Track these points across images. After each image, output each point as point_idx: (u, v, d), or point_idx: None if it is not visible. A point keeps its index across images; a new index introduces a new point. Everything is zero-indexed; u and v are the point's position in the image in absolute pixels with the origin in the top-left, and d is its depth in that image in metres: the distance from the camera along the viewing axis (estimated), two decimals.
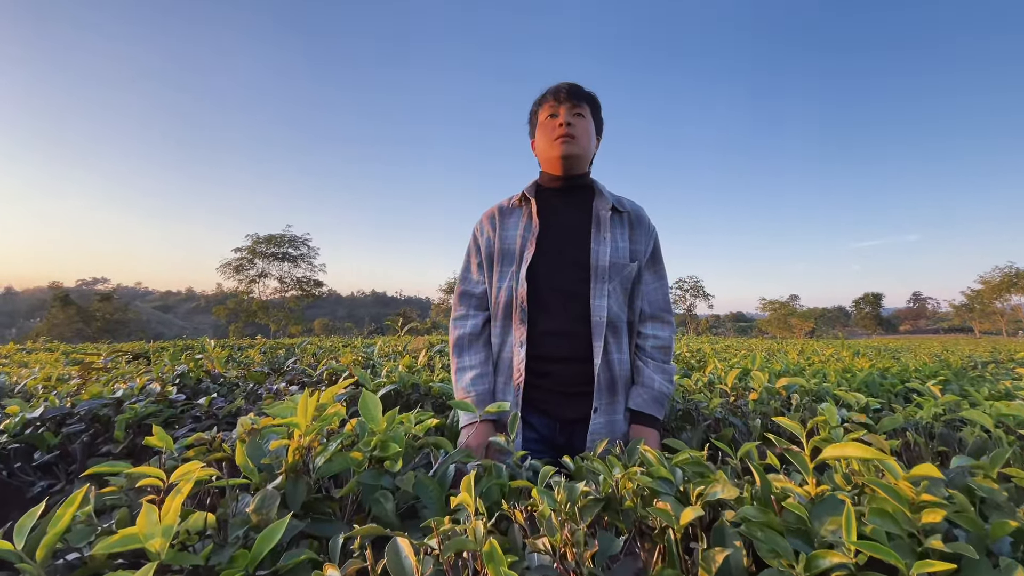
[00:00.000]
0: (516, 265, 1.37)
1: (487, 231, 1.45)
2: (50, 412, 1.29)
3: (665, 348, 1.45)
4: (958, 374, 2.86)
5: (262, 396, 1.91)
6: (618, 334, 1.37)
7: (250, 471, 0.86)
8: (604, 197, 1.42)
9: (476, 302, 1.44)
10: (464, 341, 1.40)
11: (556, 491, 0.61)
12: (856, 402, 1.51)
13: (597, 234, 1.37)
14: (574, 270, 1.35)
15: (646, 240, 1.44)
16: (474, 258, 1.47)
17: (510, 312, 1.37)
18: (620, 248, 1.38)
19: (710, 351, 3.91)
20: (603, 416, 1.31)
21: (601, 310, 1.32)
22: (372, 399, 0.95)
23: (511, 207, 1.47)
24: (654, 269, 1.47)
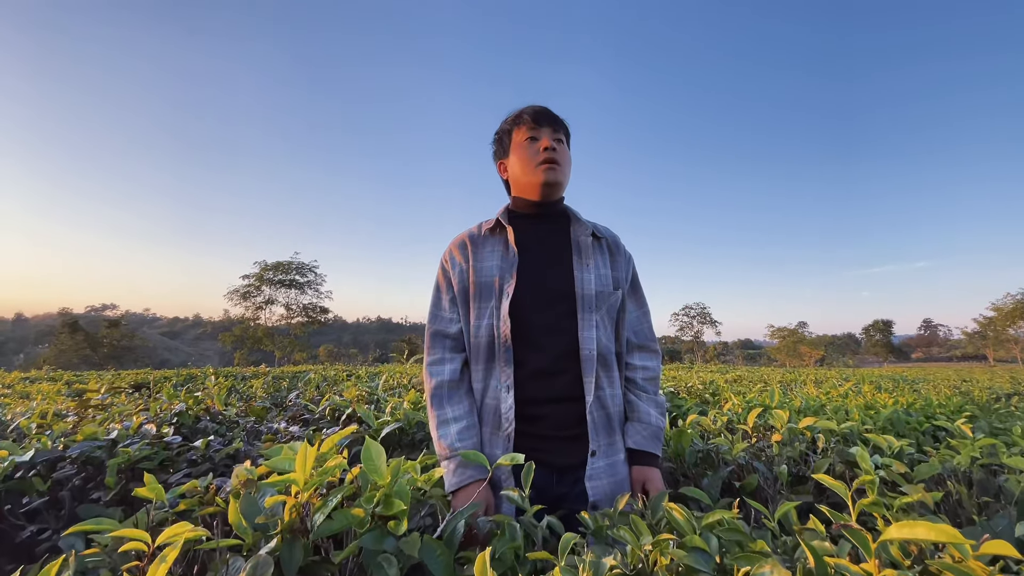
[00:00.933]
0: (496, 300, 1.23)
1: (459, 262, 1.29)
2: (40, 456, 1.23)
3: (655, 379, 1.36)
4: (984, 409, 2.75)
5: (262, 435, 1.85)
6: (608, 368, 1.26)
7: (243, 530, 0.79)
8: (582, 223, 1.33)
9: (451, 343, 1.28)
10: (443, 390, 1.22)
11: (581, 569, 0.54)
12: (888, 447, 1.43)
13: (579, 261, 1.27)
14: (559, 301, 1.24)
15: (626, 267, 1.36)
16: (445, 293, 1.31)
17: (492, 353, 1.22)
18: (603, 275, 1.29)
19: (723, 383, 3.81)
20: (602, 459, 1.19)
21: (591, 342, 1.21)
22: (376, 449, 0.89)
23: (483, 235, 1.32)
24: (635, 297, 1.38)
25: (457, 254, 1.30)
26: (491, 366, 1.22)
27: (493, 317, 1.22)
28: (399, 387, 2.93)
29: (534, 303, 1.23)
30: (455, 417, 1.19)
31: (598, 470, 1.17)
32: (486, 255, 1.28)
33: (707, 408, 2.53)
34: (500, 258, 1.26)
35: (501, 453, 1.16)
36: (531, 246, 1.28)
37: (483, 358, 1.23)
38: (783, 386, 4.74)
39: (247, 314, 39.55)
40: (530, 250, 1.27)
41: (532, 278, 1.24)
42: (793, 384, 4.83)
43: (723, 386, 3.28)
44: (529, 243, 1.28)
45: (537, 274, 1.25)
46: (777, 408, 1.88)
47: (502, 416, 1.18)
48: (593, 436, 1.19)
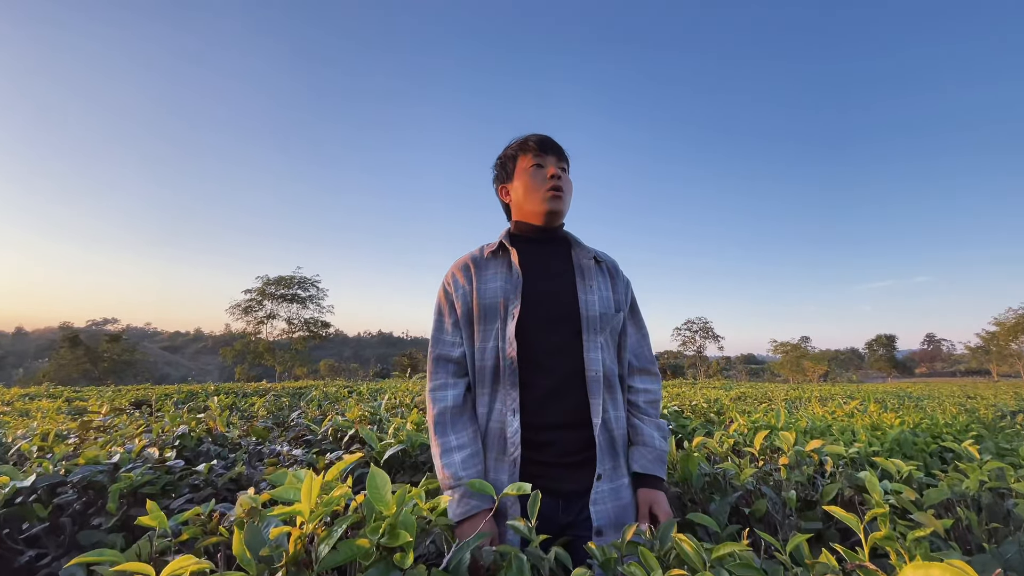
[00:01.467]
0: (501, 322, 1.23)
1: (462, 284, 1.29)
2: (42, 481, 1.22)
3: (657, 403, 1.36)
4: (990, 429, 2.73)
5: (264, 456, 1.83)
6: (613, 390, 1.26)
7: (247, 563, 0.78)
8: (584, 247, 1.35)
9: (454, 368, 1.26)
10: (447, 416, 1.20)
11: None
12: (897, 471, 1.41)
13: (583, 283, 1.28)
14: (564, 322, 1.24)
15: (625, 291, 1.38)
16: (448, 316, 1.29)
17: (498, 375, 1.21)
18: (605, 297, 1.30)
19: (727, 401, 3.78)
20: (607, 483, 1.18)
21: (596, 364, 1.21)
22: (382, 478, 0.88)
23: (486, 258, 1.32)
24: (635, 320, 1.39)
25: (460, 276, 1.29)
26: (496, 389, 1.21)
27: (499, 339, 1.21)
28: (401, 406, 2.92)
29: (540, 324, 1.22)
30: (459, 445, 1.17)
31: (602, 494, 1.16)
32: (489, 277, 1.27)
33: (713, 428, 2.51)
34: (504, 280, 1.26)
35: (507, 479, 1.15)
36: (534, 268, 1.28)
37: (488, 381, 1.21)
38: (788, 403, 4.70)
39: (249, 328, 39.52)
40: (534, 271, 1.27)
41: (537, 299, 1.24)
42: (798, 401, 4.80)
43: (728, 405, 3.25)
44: (532, 265, 1.28)
45: (542, 295, 1.25)
46: (783, 430, 1.87)
47: (507, 440, 1.16)
48: (600, 460, 1.17)
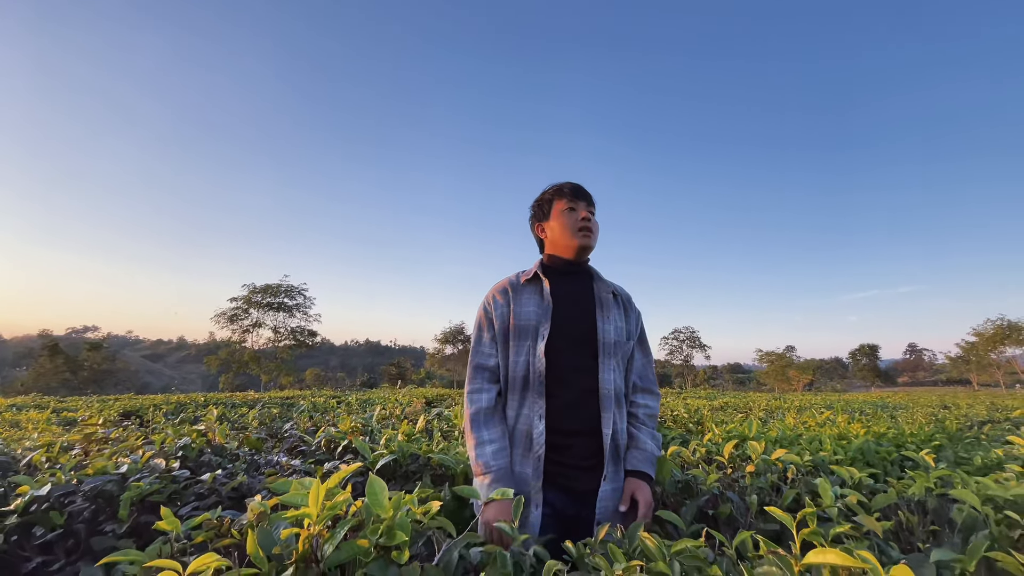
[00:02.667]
0: (532, 340, 1.45)
1: (501, 304, 1.51)
2: (57, 490, 1.30)
3: (654, 416, 1.59)
4: (953, 439, 2.88)
5: (260, 465, 1.91)
6: (620, 405, 1.49)
7: (261, 560, 0.88)
8: (604, 282, 1.59)
9: (490, 375, 1.49)
10: (482, 416, 1.43)
11: None
12: (850, 477, 1.54)
13: (602, 314, 1.50)
14: (584, 346, 1.47)
15: (636, 322, 1.61)
16: (487, 332, 1.52)
17: (527, 385, 1.43)
18: (620, 328, 1.53)
19: (707, 412, 3.91)
20: (610, 484, 1.40)
21: (609, 383, 1.44)
22: (379, 484, 0.98)
23: (522, 284, 1.55)
24: (642, 347, 1.63)
25: (500, 298, 1.53)
26: (525, 396, 1.43)
27: (530, 354, 1.44)
28: (392, 418, 3.00)
29: (564, 346, 1.45)
30: (490, 439, 1.39)
31: (606, 493, 1.39)
32: (525, 301, 1.50)
33: (690, 438, 2.64)
34: (537, 305, 1.49)
35: (531, 472, 1.36)
36: (563, 297, 1.50)
37: (518, 389, 1.45)
38: (768, 413, 4.86)
39: (234, 337, 39.02)
40: (562, 301, 1.50)
41: (563, 325, 1.47)
42: (777, 411, 4.95)
43: (707, 415, 3.39)
44: (561, 295, 1.51)
45: (567, 321, 1.47)
46: (753, 440, 2.00)
47: (534, 440, 1.39)
48: (606, 464, 1.40)
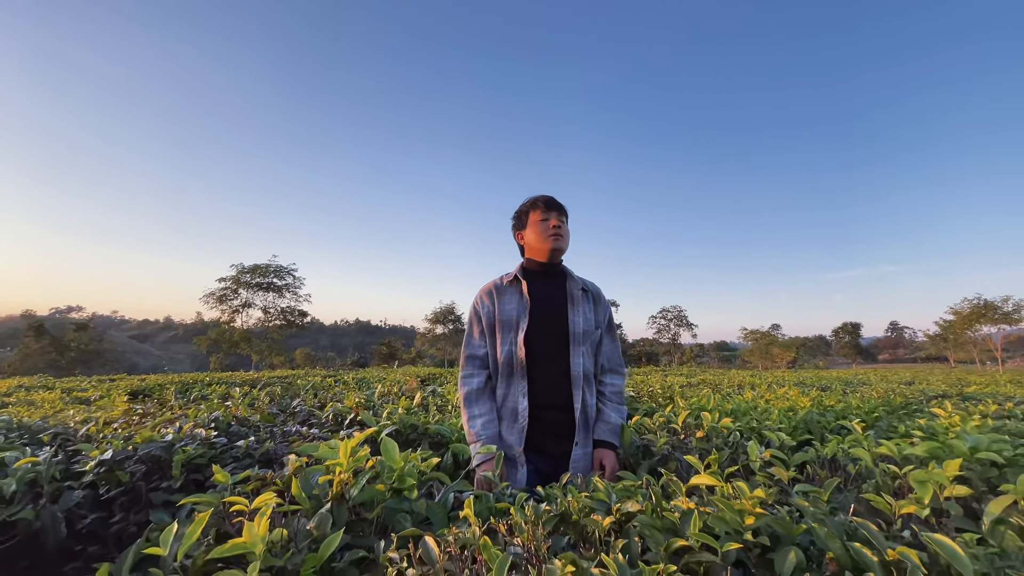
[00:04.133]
0: (514, 333, 1.74)
1: (487, 305, 1.81)
2: (118, 455, 1.57)
3: (620, 393, 1.89)
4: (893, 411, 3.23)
5: (277, 436, 2.19)
6: (590, 384, 1.80)
7: (303, 499, 1.16)
8: (575, 279, 1.86)
9: (479, 363, 1.79)
10: (473, 396, 1.74)
11: (526, 509, 0.93)
12: (778, 439, 1.86)
13: (573, 309, 1.79)
14: (557, 336, 1.76)
15: (604, 312, 1.90)
16: (476, 326, 1.82)
17: (511, 370, 1.73)
18: (588, 319, 1.81)
19: (679, 388, 4.25)
20: (581, 448, 1.72)
21: (578, 367, 1.74)
22: (392, 444, 1.27)
23: (505, 286, 1.84)
24: (610, 334, 1.92)
25: (486, 299, 1.82)
26: (510, 379, 1.73)
27: (513, 345, 1.73)
28: (391, 395, 3.29)
29: (541, 336, 1.74)
30: (480, 414, 1.70)
31: (577, 455, 1.70)
32: (507, 300, 1.79)
33: (658, 409, 2.95)
34: (517, 303, 1.78)
35: (516, 440, 1.67)
36: (539, 296, 1.79)
37: (505, 373, 1.74)
38: (738, 389, 5.23)
39: (223, 317, 38.92)
40: (538, 299, 1.78)
41: (539, 319, 1.76)
42: (746, 387, 5.32)
43: (677, 391, 3.72)
44: (538, 294, 1.79)
45: (543, 316, 1.76)
46: (707, 411, 2.31)
47: (519, 414, 1.69)
48: (578, 433, 1.71)
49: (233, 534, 1.12)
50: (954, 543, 0.75)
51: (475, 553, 0.81)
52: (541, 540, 0.83)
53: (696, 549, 0.79)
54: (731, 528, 0.84)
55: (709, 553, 0.79)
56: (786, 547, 0.82)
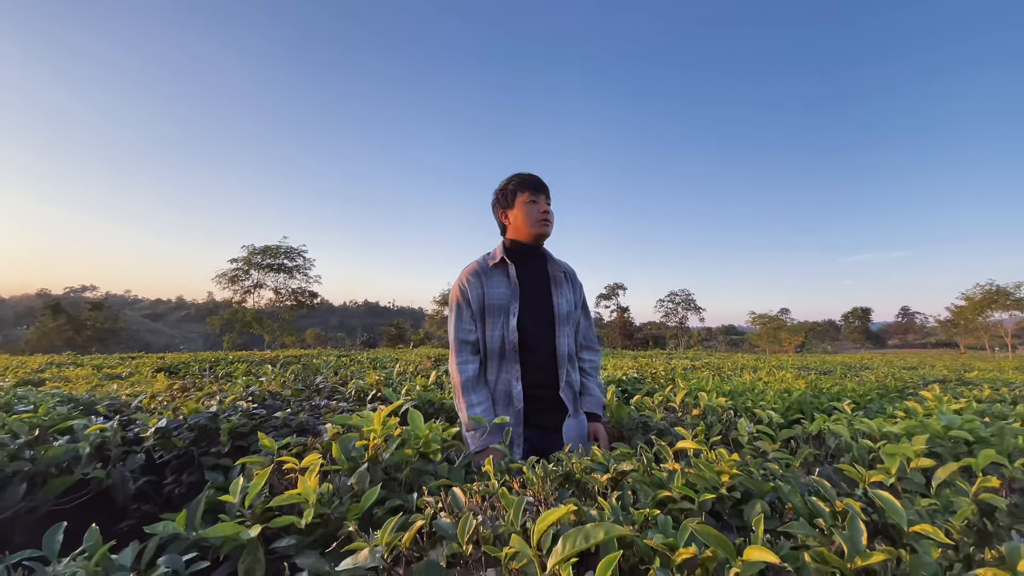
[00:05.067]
0: (505, 317, 1.78)
1: (476, 288, 1.80)
2: (172, 424, 1.76)
3: (597, 368, 2.03)
4: (885, 395, 3.38)
5: (306, 408, 2.38)
6: (572, 363, 1.91)
7: (342, 461, 1.34)
8: (555, 262, 1.93)
9: (471, 348, 1.79)
10: (470, 384, 1.74)
11: (536, 468, 1.10)
12: (767, 416, 2.02)
13: (556, 291, 1.88)
14: (544, 318, 1.84)
15: (580, 293, 2.00)
16: (465, 311, 1.80)
17: (503, 353, 1.78)
18: (570, 300, 1.91)
19: (680, 371, 4.42)
20: (572, 419, 1.83)
21: (564, 347, 1.85)
22: (418, 415, 1.44)
23: (491, 268, 1.83)
24: (585, 313, 2.03)
25: (474, 281, 1.81)
26: (502, 362, 1.79)
27: (504, 329, 1.78)
28: (408, 374, 3.48)
29: (530, 320, 1.81)
30: (478, 402, 1.73)
31: (570, 426, 1.82)
32: (495, 283, 1.82)
33: (659, 390, 3.12)
34: (506, 286, 1.82)
35: (512, 422, 1.73)
36: (526, 279, 1.85)
37: (496, 357, 1.80)
38: (740, 372, 5.38)
39: (235, 298, 39.50)
40: (524, 282, 1.85)
41: (528, 302, 1.83)
42: (745, 370, 5.47)
43: (679, 372, 3.88)
44: (524, 277, 1.85)
45: (531, 300, 1.84)
46: (703, 391, 2.47)
47: (513, 397, 1.76)
48: (569, 406, 1.82)
49: (281, 490, 1.30)
50: (893, 498, 0.91)
51: (494, 502, 0.97)
52: (549, 492, 1.00)
53: (678, 499, 0.95)
54: (709, 485, 1.00)
55: (689, 503, 0.95)
56: (755, 500, 0.98)
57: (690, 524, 0.74)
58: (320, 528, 1.11)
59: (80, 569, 0.89)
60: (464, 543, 0.78)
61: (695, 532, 0.73)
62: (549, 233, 1.87)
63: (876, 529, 0.95)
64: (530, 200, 1.83)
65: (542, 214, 1.83)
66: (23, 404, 2.06)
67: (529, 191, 1.84)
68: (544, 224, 1.84)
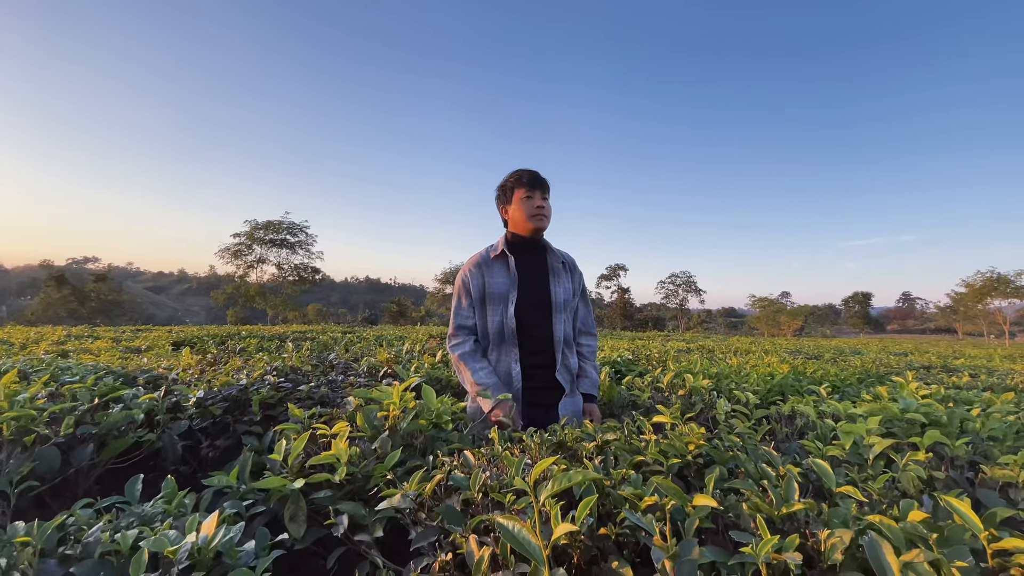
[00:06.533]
0: (503, 304, 1.94)
1: (477, 278, 1.97)
2: (208, 395, 1.96)
3: (594, 352, 2.19)
4: (863, 379, 3.58)
5: (324, 383, 2.59)
6: (569, 346, 2.07)
7: (366, 428, 1.54)
8: (554, 253, 2.07)
9: (467, 331, 1.99)
10: (468, 355, 1.94)
11: (534, 437, 1.30)
12: (744, 397, 2.22)
13: (554, 280, 2.03)
14: (542, 306, 1.99)
15: (579, 281, 2.16)
16: (465, 299, 1.99)
17: (502, 338, 1.95)
18: (567, 289, 2.06)
19: (673, 353, 4.63)
20: (568, 398, 2.01)
21: (560, 332, 2.00)
22: (431, 390, 1.64)
23: (492, 260, 1.99)
24: (584, 300, 2.19)
25: (475, 271, 1.99)
26: (502, 347, 1.97)
27: (503, 315, 1.95)
28: (416, 352, 3.69)
29: (528, 307, 1.98)
30: (480, 367, 1.91)
31: (566, 405, 2.00)
32: (496, 273, 1.99)
33: (650, 371, 3.33)
34: (505, 276, 1.98)
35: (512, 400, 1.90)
36: (525, 270, 2.01)
37: (495, 342, 1.97)
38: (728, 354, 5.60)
39: (238, 272, 39.75)
40: (524, 272, 2.00)
41: (526, 291, 1.99)
42: (738, 353, 5.68)
43: (671, 355, 4.09)
44: (523, 268, 2.01)
45: (529, 289, 2.00)
46: (689, 373, 2.67)
47: (513, 378, 1.93)
48: (565, 387, 1.99)
49: (314, 453, 1.51)
50: (828, 465, 1.11)
51: (498, 463, 1.18)
52: (544, 456, 1.20)
53: (651, 464, 1.16)
54: (678, 452, 1.20)
55: (659, 467, 1.15)
56: (715, 466, 1.18)
57: (656, 480, 0.94)
58: (350, 485, 1.31)
59: (161, 511, 1.10)
60: (475, 492, 0.98)
61: (659, 486, 0.93)
62: (544, 227, 1.99)
63: (812, 491, 1.15)
64: (526, 196, 1.96)
65: (537, 209, 1.95)
66: (68, 375, 2.26)
67: (525, 187, 1.97)
68: (539, 219, 1.96)
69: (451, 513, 0.95)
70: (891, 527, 0.79)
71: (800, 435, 2.03)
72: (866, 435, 1.58)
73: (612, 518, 0.92)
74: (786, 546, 0.74)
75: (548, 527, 0.79)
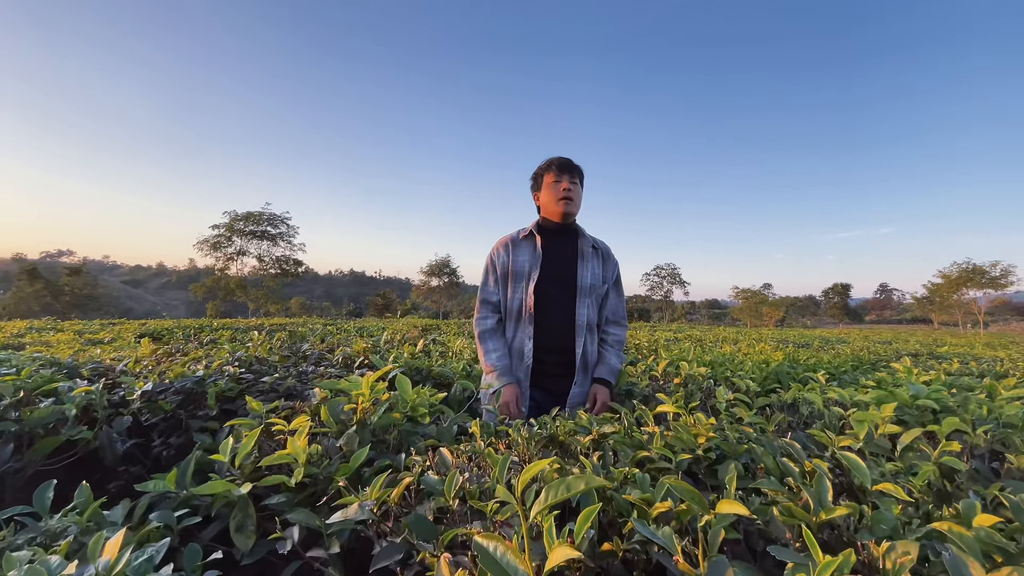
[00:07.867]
0: (525, 282, 1.93)
1: (503, 256, 1.99)
2: (158, 387, 1.76)
3: (621, 342, 2.09)
4: (858, 367, 3.49)
5: (293, 374, 2.40)
6: (592, 332, 1.99)
7: (331, 423, 1.36)
8: (586, 238, 2.01)
9: (492, 307, 2.00)
10: (488, 334, 1.95)
11: (522, 431, 1.13)
12: (744, 385, 2.08)
13: (582, 264, 1.96)
14: (565, 288, 1.94)
15: (612, 270, 2.07)
16: (491, 275, 2.01)
17: (521, 315, 1.92)
18: (596, 274, 1.98)
19: (663, 342, 4.50)
20: (578, 388, 1.94)
21: (582, 317, 1.93)
22: (405, 379, 1.46)
23: (521, 239, 2.01)
24: (616, 289, 2.10)
25: (502, 251, 2.01)
26: (519, 324, 1.94)
27: (523, 293, 1.92)
28: (395, 342, 3.50)
29: (550, 287, 1.92)
30: (494, 349, 1.92)
31: (575, 393, 1.92)
32: (522, 252, 1.97)
33: (642, 360, 3.19)
34: (530, 255, 1.95)
35: (523, 375, 1.88)
36: (551, 251, 1.96)
37: (514, 318, 1.94)
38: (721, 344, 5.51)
39: (218, 265, 38.86)
40: (551, 253, 1.95)
41: (550, 271, 1.93)
42: (727, 342, 5.60)
43: (662, 344, 3.97)
44: (550, 249, 1.96)
45: (553, 269, 1.94)
46: (683, 361, 2.53)
47: (525, 355, 1.90)
48: (577, 374, 1.92)
49: (270, 452, 1.33)
50: (858, 457, 0.96)
51: (480, 461, 1.01)
52: (533, 453, 1.03)
53: (656, 460, 1.00)
54: (687, 447, 1.04)
55: (666, 463, 0.99)
56: (730, 461, 1.03)
57: (667, 481, 0.78)
58: (310, 488, 1.13)
59: (72, 524, 0.91)
60: (451, 498, 0.81)
61: (671, 488, 0.76)
62: (572, 211, 1.95)
63: (842, 488, 1.00)
64: (555, 180, 1.95)
65: (564, 192, 1.92)
66: (5, 367, 2.03)
67: (554, 172, 1.96)
68: (566, 202, 1.93)
69: (421, 524, 0.78)
70: (963, 536, 0.64)
71: (805, 425, 1.90)
72: (881, 423, 1.45)
73: (617, 528, 0.76)
74: (842, 566, 0.58)
75: (539, 544, 0.63)
